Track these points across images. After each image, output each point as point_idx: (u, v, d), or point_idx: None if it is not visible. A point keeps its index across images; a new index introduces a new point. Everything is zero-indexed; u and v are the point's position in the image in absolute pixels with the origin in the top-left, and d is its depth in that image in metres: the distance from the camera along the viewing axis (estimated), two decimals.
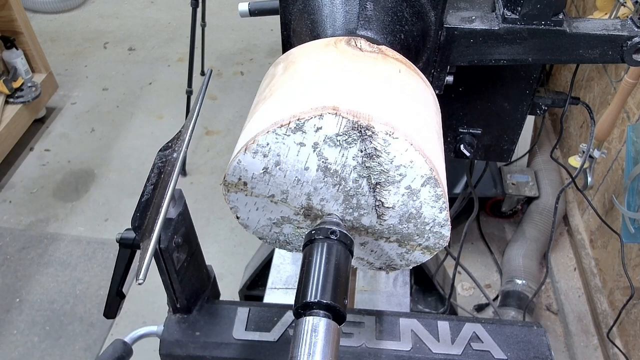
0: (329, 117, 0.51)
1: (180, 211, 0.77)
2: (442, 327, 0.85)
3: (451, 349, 0.82)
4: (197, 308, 0.87)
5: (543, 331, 0.87)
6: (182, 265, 0.81)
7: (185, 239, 0.80)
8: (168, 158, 0.68)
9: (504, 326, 0.86)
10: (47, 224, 2.33)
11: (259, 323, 0.86)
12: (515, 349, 0.83)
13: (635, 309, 1.65)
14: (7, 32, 2.59)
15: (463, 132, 0.95)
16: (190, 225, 0.82)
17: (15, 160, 2.64)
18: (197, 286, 0.87)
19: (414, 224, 0.58)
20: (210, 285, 0.91)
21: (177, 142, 0.69)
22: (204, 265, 0.90)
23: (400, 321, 0.86)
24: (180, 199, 0.78)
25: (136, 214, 0.63)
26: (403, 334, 0.84)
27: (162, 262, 0.76)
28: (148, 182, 0.66)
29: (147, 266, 0.56)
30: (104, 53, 3.33)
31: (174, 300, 0.84)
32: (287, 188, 0.57)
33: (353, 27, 0.68)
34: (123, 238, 0.74)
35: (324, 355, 0.47)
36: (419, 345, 0.83)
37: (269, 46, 3.37)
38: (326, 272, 0.52)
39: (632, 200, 1.40)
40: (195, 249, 0.85)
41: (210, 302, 0.90)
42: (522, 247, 2.05)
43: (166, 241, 0.74)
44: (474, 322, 0.86)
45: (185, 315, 0.86)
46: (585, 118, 2.15)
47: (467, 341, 0.83)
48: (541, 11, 0.70)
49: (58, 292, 2.06)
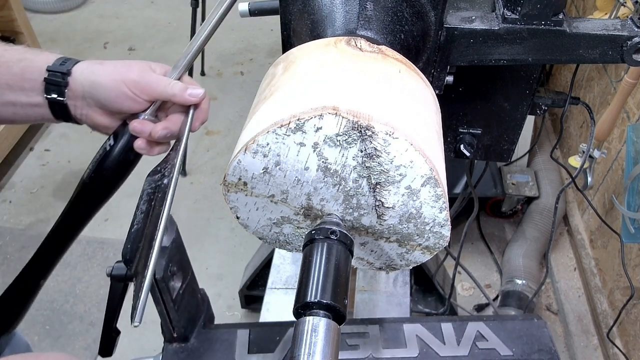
0: (329, 117, 0.51)
1: (173, 238, 0.74)
2: (445, 328, 0.85)
3: (458, 351, 0.82)
4: (194, 335, 0.83)
5: (544, 323, 0.87)
6: (178, 293, 0.77)
7: (180, 265, 0.77)
8: (158, 184, 0.65)
9: (505, 322, 0.86)
10: (47, 224, 2.33)
11: (261, 344, 0.83)
12: (520, 344, 0.84)
13: (635, 309, 1.65)
14: (7, 32, 2.59)
15: (463, 132, 0.95)
16: (183, 251, 0.79)
17: (15, 160, 2.63)
18: (192, 312, 0.84)
19: (414, 224, 0.58)
20: (205, 309, 0.88)
21: (166, 165, 0.67)
22: (198, 289, 0.87)
23: (404, 327, 0.85)
24: (172, 225, 0.75)
25: (127, 246, 0.60)
26: (409, 340, 0.83)
27: (158, 292, 0.73)
28: (137, 210, 0.63)
29: (142, 307, 0.53)
30: (104, 53, 3.32)
31: (170, 329, 0.80)
32: (287, 188, 0.57)
33: (353, 27, 0.68)
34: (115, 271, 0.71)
35: (324, 355, 0.47)
36: (425, 350, 0.82)
37: (269, 46, 3.37)
38: (326, 272, 0.52)
39: (632, 200, 1.40)
40: (190, 275, 0.82)
41: (207, 327, 0.86)
42: (522, 247, 2.05)
43: (161, 271, 0.71)
44: (476, 321, 0.86)
45: (183, 344, 0.82)
46: (585, 118, 2.15)
47: (472, 341, 0.83)
48: (541, 11, 0.70)
49: (58, 291, 2.06)
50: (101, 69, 0.68)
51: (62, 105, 0.69)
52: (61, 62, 0.68)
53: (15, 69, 0.67)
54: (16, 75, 0.67)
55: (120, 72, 0.67)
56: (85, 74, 0.68)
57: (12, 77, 0.67)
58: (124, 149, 0.70)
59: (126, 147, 0.70)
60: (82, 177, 0.71)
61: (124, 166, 0.71)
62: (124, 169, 0.71)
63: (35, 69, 0.68)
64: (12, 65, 0.68)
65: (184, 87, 0.69)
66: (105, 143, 0.70)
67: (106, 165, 0.70)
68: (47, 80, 0.67)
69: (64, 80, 0.67)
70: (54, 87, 0.67)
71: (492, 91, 0.89)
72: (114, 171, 0.70)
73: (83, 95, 0.68)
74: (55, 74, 0.67)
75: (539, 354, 0.83)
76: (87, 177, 0.70)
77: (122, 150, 0.70)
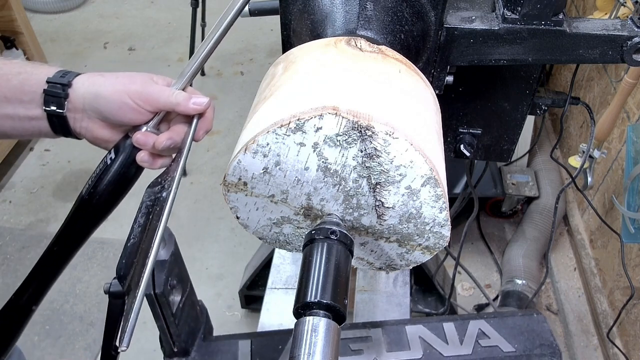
0: (329, 117, 0.51)
1: (172, 251, 0.73)
2: (447, 328, 0.85)
3: (461, 350, 0.82)
4: (194, 348, 0.82)
5: (543, 318, 0.88)
6: (178, 307, 0.76)
7: (179, 278, 0.76)
8: (157, 196, 0.63)
9: (506, 318, 0.87)
10: (47, 224, 2.33)
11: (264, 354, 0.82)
12: (521, 340, 0.84)
13: (635, 309, 1.65)
14: (7, 32, 2.59)
15: (463, 132, 0.95)
16: (182, 263, 0.78)
17: (15, 160, 2.63)
18: (192, 325, 0.83)
19: (414, 224, 0.58)
20: (204, 320, 0.86)
21: (166, 177, 0.65)
22: (197, 301, 0.86)
23: (407, 329, 0.85)
24: (170, 237, 0.74)
25: (121, 261, 0.58)
26: (412, 342, 0.84)
27: (158, 307, 0.72)
28: (135, 223, 0.61)
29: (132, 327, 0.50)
30: (104, 53, 3.32)
31: (170, 344, 0.78)
32: (287, 188, 0.57)
33: (353, 27, 0.68)
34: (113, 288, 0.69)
35: (324, 355, 0.47)
36: (429, 351, 0.83)
37: (269, 46, 3.37)
38: (326, 272, 0.52)
39: (632, 200, 1.40)
40: (189, 287, 0.81)
41: (207, 339, 0.85)
42: (522, 247, 2.05)
43: (161, 285, 0.70)
44: (477, 319, 0.86)
45: (183, 358, 0.81)
46: (585, 118, 2.15)
47: (475, 339, 0.83)
48: (541, 11, 0.70)
49: (58, 291, 2.06)
50: (103, 80, 0.67)
51: (61, 118, 0.67)
52: (61, 74, 0.67)
53: (14, 82, 0.66)
54: (15, 87, 0.66)
55: (123, 83, 0.66)
56: (87, 86, 0.67)
57: (10, 90, 0.66)
58: (125, 163, 0.68)
59: (127, 161, 0.68)
60: (81, 193, 0.69)
61: (124, 181, 0.69)
62: (125, 184, 0.69)
63: (34, 81, 0.67)
64: (11, 77, 0.66)
65: (188, 96, 0.68)
66: (105, 157, 0.68)
67: (107, 180, 0.68)
68: (47, 92, 0.66)
69: (64, 91, 0.66)
70: (53, 99, 0.66)
71: (492, 91, 0.89)
72: (115, 186, 0.68)
73: (84, 107, 0.67)
74: (55, 86, 0.66)
75: (541, 349, 0.83)
76: (86, 193, 0.68)
77: (123, 165, 0.68)
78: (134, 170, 0.69)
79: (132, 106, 0.66)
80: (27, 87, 0.67)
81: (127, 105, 0.66)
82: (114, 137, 0.70)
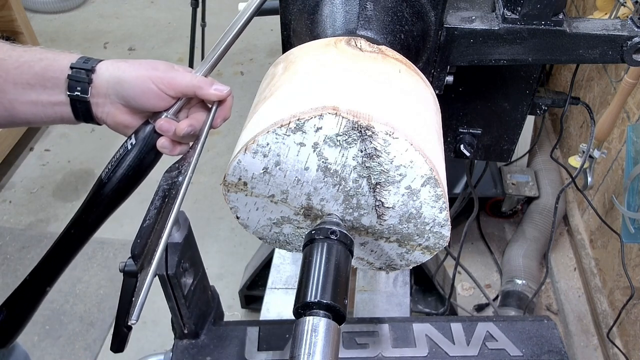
0: (329, 117, 0.51)
1: (185, 234, 0.75)
2: (455, 329, 0.85)
3: (467, 351, 0.82)
4: (204, 332, 0.84)
5: (553, 324, 0.87)
6: (190, 289, 0.78)
7: (192, 262, 0.78)
8: (174, 180, 0.65)
9: (515, 322, 0.86)
10: (47, 224, 2.33)
11: (271, 342, 0.83)
12: (530, 345, 0.84)
13: (635, 309, 1.65)
14: (7, 32, 2.59)
15: (463, 132, 0.95)
16: (195, 248, 0.80)
17: (15, 160, 2.63)
18: (203, 309, 0.85)
19: (414, 224, 0.58)
20: (215, 306, 0.88)
21: (183, 162, 0.67)
22: (209, 286, 0.88)
23: (414, 327, 0.85)
24: (185, 221, 0.76)
25: (137, 241, 0.59)
26: (418, 339, 0.84)
27: (170, 288, 0.74)
28: (152, 205, 0.63)
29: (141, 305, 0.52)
30: (104, 53, 3.32)
31: (181, 325, 0.80)
32: (287, 188, 0.57)
33: (353, 27, 0.68)
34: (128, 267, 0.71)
35: (324, 355, 0.47)
36: (435, 349, 0.83)
37: (269, 46, 3.37)
38: (326, 272, 0.52)
39: (632, 200, 1.40)
40: (201, 271, 0.82)
41: (217, 324, 0.87)
42: (522, 247, 2.05)
43: (174, 267, 0.72)
44: (486, 321, 0.86)
45: (193, 340, 0.83)
46: (585, 118, 2.15)
47: (482, 341, 0.83)
48: (541, 11, 0.70)
49: (58, 291, 2.06)
50: (126, 66, 0.68)
51: (84, 103, 0.68)
52: (84, 60, 0.68)
53: (36, 68, 0.67)
54: (38, 74, 0.67)
55: (146, 69, 0.67)
56: (111, 71, 0.68)
57: (33, 77, 0.67)
58: (145, 148, 0.69)
59: (147, 147, 0.69)
60: (100, 177, 0.71)
61: (143, 166, 0.70)
62: (144, 170, 0.71)
63: (57, 67, 0.67)
64: (34, 64, 0.67)
65: (210, 81, 0.69)
66: (125, 142, 0.70)
67: (126, 165, 0.69)
68: (71, 77, 0.67)
69: (87, 77, 0.67)
70: (77, 84, 0.67)
71: (492, 91, 0.89)
72: (134, 171, 0.70)
73: (107, 92, 0.68)
74: (79, 71, 0.67)
75: (549, 355, 0.83)
76: (105, 177, 0.70)
77: (143, 150, 0.69)
78: (153, 156, 0.71)
79: (156, 91, 0.67)
80: (51, 73, 0.67)
81: (150, 90, 0.67)
82: (135, 122, 0.71)
